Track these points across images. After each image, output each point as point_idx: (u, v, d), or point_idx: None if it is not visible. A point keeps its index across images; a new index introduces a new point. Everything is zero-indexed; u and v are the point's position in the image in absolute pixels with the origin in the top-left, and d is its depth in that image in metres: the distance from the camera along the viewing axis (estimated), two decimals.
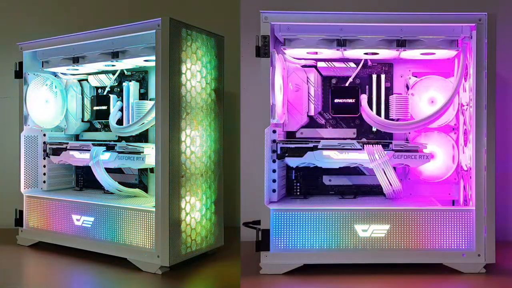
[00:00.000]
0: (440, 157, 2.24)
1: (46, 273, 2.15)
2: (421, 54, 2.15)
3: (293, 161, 2.10)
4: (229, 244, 2.40)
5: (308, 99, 2.28)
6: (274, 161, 2.05)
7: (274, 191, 2.07)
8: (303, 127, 2.32)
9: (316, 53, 2.18)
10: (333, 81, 2.35)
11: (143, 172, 2.51)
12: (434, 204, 2.10)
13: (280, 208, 1.98)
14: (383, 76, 2.31)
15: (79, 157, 2.42)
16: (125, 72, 2.52)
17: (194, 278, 2.00)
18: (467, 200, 2.09)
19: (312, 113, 2.30)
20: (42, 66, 2.55)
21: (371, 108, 2.26)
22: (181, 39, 2.04)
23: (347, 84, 2.30)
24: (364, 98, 2.25)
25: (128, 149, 2.26)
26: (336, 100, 2.27)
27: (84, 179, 2.74)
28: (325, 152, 2.07)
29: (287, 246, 1.97)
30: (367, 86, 2.32)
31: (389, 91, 2.31)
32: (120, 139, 2.47)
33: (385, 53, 2.16)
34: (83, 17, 2.98)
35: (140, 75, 2.50)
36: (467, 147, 2.07)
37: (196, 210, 2.14)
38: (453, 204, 2.27)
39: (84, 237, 2.25)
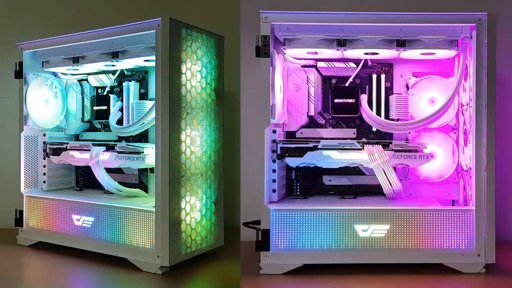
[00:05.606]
0: (440, 157, 2.24)
1: (46, 273, 2.15)
2: (421, 54, 2.15)
3: (293, 161, 2.10)
4: (229, 244, 2.39)
5: (308, 99, 2.28)
6: (274, 161, 2.05)
7: (274, 191, 2.07)
8: (303, 127, 2.33)
9: (316, 53, 2.18)
10: (333, 81, 2.35)
11: (143, 172, 2.51)
12: (434, 204, 2.10)
13: (280, 208, 1.98)
14: (383, 76, 2.31)
15: (79, 157, 2.42)
16: (125, 72, 2.52)
17: (194, 278, 2.00)
18: (467, 200, 2.09)
19: (312, 113, 2.30)
20: (42, 66, 2.55)
21: (371, 108, 2.26)
22: (181, 39, 2.04)
23: (347, 84, 2.30)
24: (364, 98, 2.25)
25: (128, 149, 2.26)
26: (336, 100, 2.28)
27: (84, 179, 2.74)
28: (325, 152, 2.07)
29: (287, 246, 1.97)
30: (367, 86, 2.32)
31: (389, 91, 2.31)
32: (120, 139, 2.47)
33: (385, 53, 2.16)
34: (83, 17, 2.98)
35: (140, 75, 2.50)
36: (467, 147, 2.07)
37: (196, 210, 2.14)
38: (453, 204, 2.27)
39: (84, 237, 2.25)
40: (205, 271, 2.08)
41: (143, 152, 2.22)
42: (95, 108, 2.58)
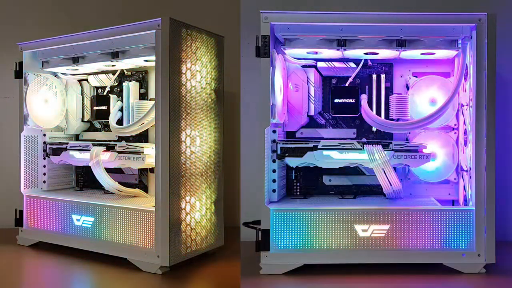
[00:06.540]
0: (440, 157, 2.24)
1: (46, 273, 2.15)
2: (421, 54, 2.15)
3: (293, 161, 2.10)
4: (229, 244, 2.40)
5: (308, 99, 2.28)
6: (274, 161, 2.05)
7: (274, 191, 2.07)
8: (303, 127, 2.33)
9: (316, 53, 2.18)
10: (333, 81, 2.35)
11: (143, 172, 2.51)
12: (434, 204, 2.10)
13: (280, 208, 1.98)
14: (383, 76, 2.31)
15: (79, 157, 2.42)
16: (125, 72, 2.52)
17: (194, 278, 2.00)
18: (467, 200, 2.09)
19: (312, 113, 2.30)
20: (42, 66, 2.55)
21: (371, 108, 2.26)
22: (181, 39, 2.04)
23: (347, 84, 2.30)
24: (364, 98, 2.25)
25: (128, 149, 2.26)
26: (336, 100, 2.27)
27: (84, 179, 2.74)
28: (325, 152, 2.07)
29: (287, 246, 1.97)
30: (367, 86, 2.32)
31: (389, 91, 2.31)
32: (120, 139, 2.47)
33: (385, 53, 2.16)
34: (83, 17, 2.98)
35: (140, 75, 2.50)
36: (467, 147, 2.07)
37: (196, 210, 2.14)
38: (453, 204, 2.27)
39: (84, 237, 2.25)
40: (205, 271, 2.08)
41: (143, 152, 2.22)
42: (95, 108, 2.58)
